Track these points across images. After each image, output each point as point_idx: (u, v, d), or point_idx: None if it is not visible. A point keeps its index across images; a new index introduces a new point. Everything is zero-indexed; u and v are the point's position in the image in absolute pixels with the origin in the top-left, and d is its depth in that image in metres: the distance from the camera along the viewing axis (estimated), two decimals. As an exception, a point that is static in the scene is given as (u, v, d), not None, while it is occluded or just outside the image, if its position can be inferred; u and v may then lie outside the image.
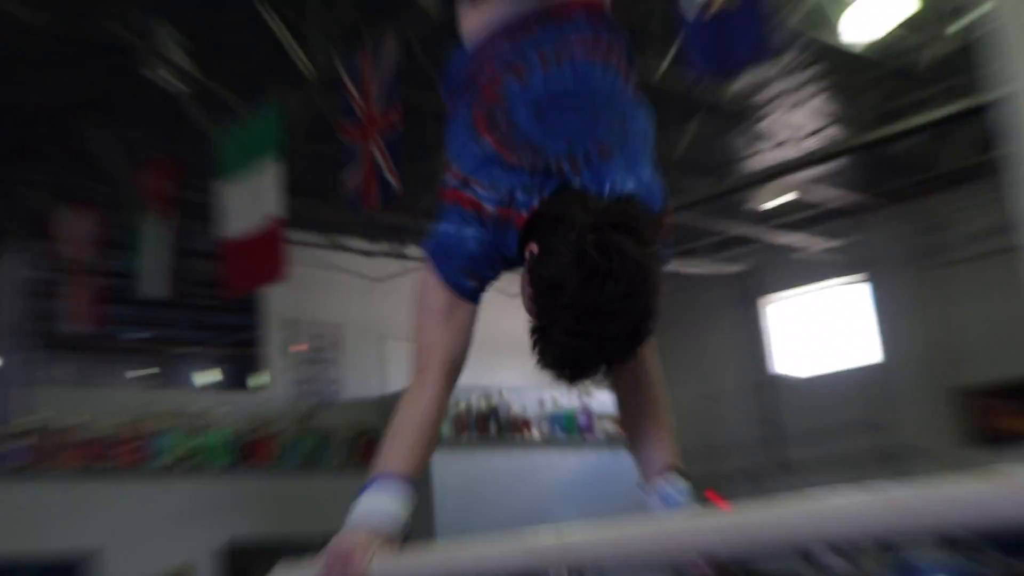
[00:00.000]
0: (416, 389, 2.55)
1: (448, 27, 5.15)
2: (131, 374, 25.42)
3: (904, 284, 19.17)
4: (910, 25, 12.26)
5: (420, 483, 2.56)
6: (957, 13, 12.49)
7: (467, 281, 2.61)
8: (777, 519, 1.63)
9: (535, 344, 2.37)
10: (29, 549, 15.83)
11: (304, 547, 11.23)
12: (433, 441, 2.53)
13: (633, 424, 2.82)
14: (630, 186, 2.55)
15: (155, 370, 23.88)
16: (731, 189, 16.58)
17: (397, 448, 2.47)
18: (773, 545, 1.66)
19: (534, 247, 2.43)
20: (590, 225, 2.33)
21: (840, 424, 19.19)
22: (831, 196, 17.98)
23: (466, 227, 2.56)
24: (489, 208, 2.54)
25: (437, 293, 2.59)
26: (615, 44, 2.79)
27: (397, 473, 2.41)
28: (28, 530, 16.07)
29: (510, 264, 2.62)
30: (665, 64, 12.43)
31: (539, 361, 2.39)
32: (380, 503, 2.38)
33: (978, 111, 13.64)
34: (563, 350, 2.33)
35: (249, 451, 18.06)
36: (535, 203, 2.50)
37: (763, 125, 15.76)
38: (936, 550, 13.33)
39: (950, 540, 12.83)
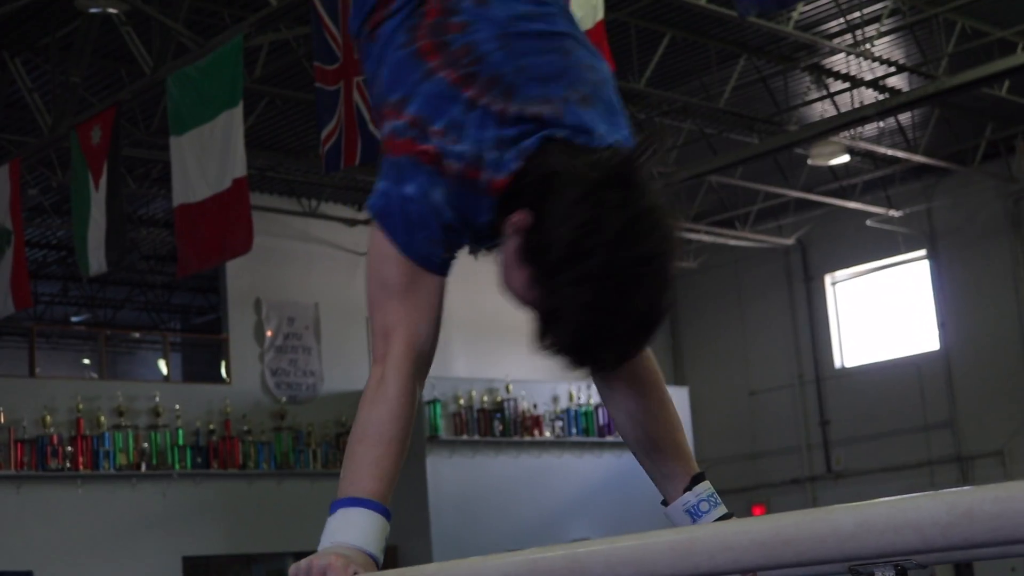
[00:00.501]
0: (377, 386, 2.37)
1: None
2: (71, 363, 25.87)
3: (970, 262, 20.23)
4: None
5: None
6: None
7: (440, 252, 2.43)
8: (827, 527, 1.64)
9: (543, 331, 2.23)
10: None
11: (277, 564, 16.73)
12: (403, 449, 2.38)
13: (643, 433, 2.67)
14: (615, 140, 2.39)
15: (100, 359, 22.67)
16: (781, 145, 16.76)
17: (360, 464, 2.32)
18: (820, 558, 1.68)
19: (525, 217, 2.23)
20: (595, 180, 2.19)
21: (896, 421, 20.97)
22: (895, 156, 18.38)
23: (434, 189, 2.38)
24: (453, 165, 2.34)
25: (396, 264, 2.42)
26: None
27: (362, 498, 2.27)
28: None
29: (474, 237, 2.49)
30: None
31: (550, 348, 2.24)
32: (352, 528, 2.25)
33: None
34: (583, 332, 2.18)
35: (213, 452, 18.65)
36: (514, 165, 2.30)
37: (820, 70, 16.46)
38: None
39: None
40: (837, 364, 21.96)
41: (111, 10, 12.73)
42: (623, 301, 2.18)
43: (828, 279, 21.56)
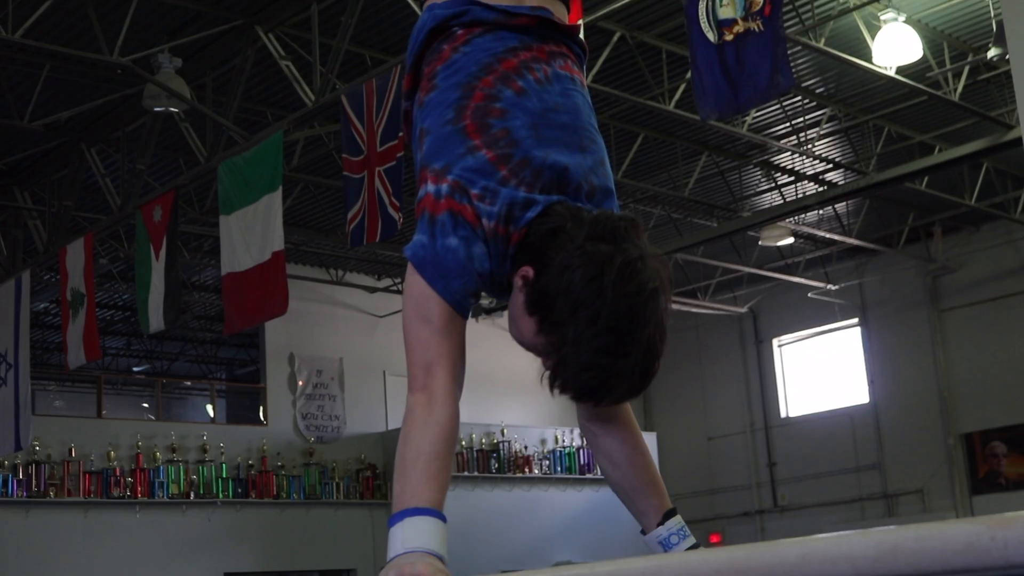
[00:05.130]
0: (427, 411, 2.32)
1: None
2: (132, 406, 26.00)
3: (895, 329, 20.56)
4: (911, 68, 13.03)
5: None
6: (964, 57, 13.43)
7: (469, 299, 2.43)
8: (774, 558, 1.62)
9: (554, 376, 2.26)
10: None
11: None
12: (451, 465, 2.36)
13: (622, 476, 2.71)
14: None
15: (157, 403, 23.30)
16: (736, 228, 17.19)
17: (421, 478, 2.26)
18: None
19: (529, 270, 2.31)
20: (589, 234, 2.26)
21: (832, 463, 20.85)
22: (832, 239, 18.95)
23: (475, 244, 2.39)
24: (487, 224, 2.39)
25: (438, 305, 2.40)
26: (580, 59, 2.76)
27: (427, 508, 2.23)
28: (30, 562, 16.68)
29: (499, 287, 2.50)
30: (673, 102, 13.48)
31: (563, 390, 2.27)
32: (424, 535, 2.19)
33: (981, 155, 14.85)
34: (589, 372, 2.22)
35: (251, 484, 18.98)
36: (524, 221, 2.38)
37: (769, 166, 16.77)
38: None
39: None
40: (783, 414, 22.44)
41: (172, 109, 13.16)
42: (624, 340, 2.20)
43: (775, 342, 22.04)
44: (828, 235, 18.57)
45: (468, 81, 2.54)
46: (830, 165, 16.33)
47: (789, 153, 15.85)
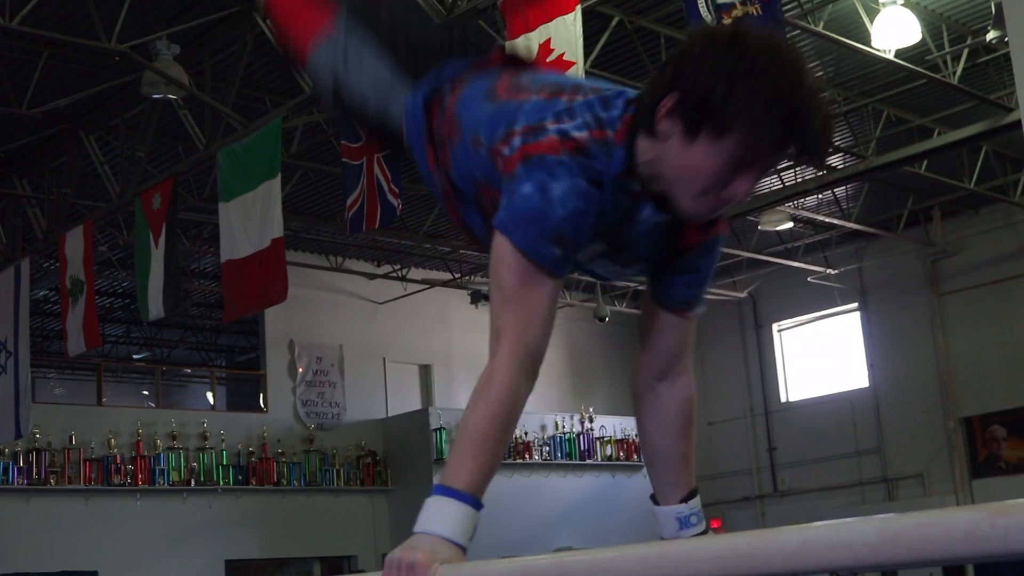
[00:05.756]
0: (484, 385, 2.28)
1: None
2: (132, 394, 26.20)
3: (895, 313, 20.76)
4: (910, 51, 13.07)
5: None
6: (963, 39, 13.45)
7: (551, 248, 2.31)
8: (775, 545, 1.65)
9: (745, 141, 2.20)
10: (30, 568, 16.37)
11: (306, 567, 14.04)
12: (500, 446, 2.29)
13: (666, 443, 2.68)
14: None
15: (157, 390, 23.43)
16: (735, 213, 16.79)
17: (461, 458, 2.25)
18: (768, 571, 1.65)
19: (668, 100, 2.23)
20: (705, 40, 2.26)
21: (832, 447, 20.98)
22: (832, 223, 19.09)
23: (554, 182, 2.28)
24: (579, 137, 2.31)
25: (510, 266, 2.32)
26: None
27: (457, 490, 2.22)
28: (31, 548, 16.73)
29: (613, 212, 2.40)
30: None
31: (760, 143, 2.23)
32: (443, 518, 2.20)
33: (981, 138, 14.91)
34: (777, 107, 2.17)
35: (252, 471, 19.20)
36: (622, 107, 2.35)
37: None
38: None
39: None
40: (782, 399, 22.68)
41: (171, 96, 13.23)
42: (788, 73, 2.20)
43: (775, 327, 22.16)
44: (827, 219, 18.69)
45: (485, 91, 2.58)
46: (829, 149, 16.15)
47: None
